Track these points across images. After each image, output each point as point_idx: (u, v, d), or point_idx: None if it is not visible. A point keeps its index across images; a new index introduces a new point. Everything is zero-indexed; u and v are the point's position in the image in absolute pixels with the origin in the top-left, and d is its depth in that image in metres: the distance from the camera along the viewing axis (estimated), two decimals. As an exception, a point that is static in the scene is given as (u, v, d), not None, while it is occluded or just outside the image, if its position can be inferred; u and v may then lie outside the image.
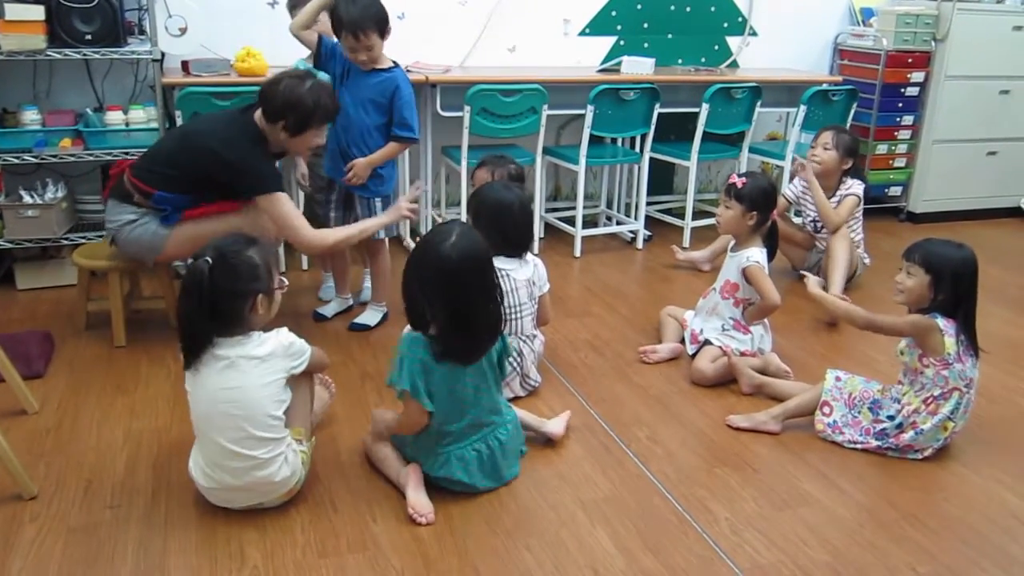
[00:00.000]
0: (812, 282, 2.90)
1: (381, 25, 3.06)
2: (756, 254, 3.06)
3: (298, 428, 2.26)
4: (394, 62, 3.22)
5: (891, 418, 2.58)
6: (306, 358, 2.21)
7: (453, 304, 2.17)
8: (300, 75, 2.87)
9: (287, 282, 2.28)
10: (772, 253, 3.16)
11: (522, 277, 2.78)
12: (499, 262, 2.72)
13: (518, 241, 2.80)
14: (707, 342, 3.10)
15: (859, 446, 2.62)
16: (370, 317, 3.44)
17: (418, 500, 2.22)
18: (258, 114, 2.88)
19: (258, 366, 2.10)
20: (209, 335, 2.09)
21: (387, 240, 3.45)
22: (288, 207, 2.90)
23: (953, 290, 2.50)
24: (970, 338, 2.54)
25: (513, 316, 2.77)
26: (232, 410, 2.07)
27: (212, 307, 2.05)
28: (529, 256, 2.85)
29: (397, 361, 2.19)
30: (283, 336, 2.18)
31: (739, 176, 3.11)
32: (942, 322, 2.51)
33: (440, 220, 3.39)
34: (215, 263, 2.04)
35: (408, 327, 2.26)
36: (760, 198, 3.06)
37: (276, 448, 2.14)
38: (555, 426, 2.59)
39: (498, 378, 2.36)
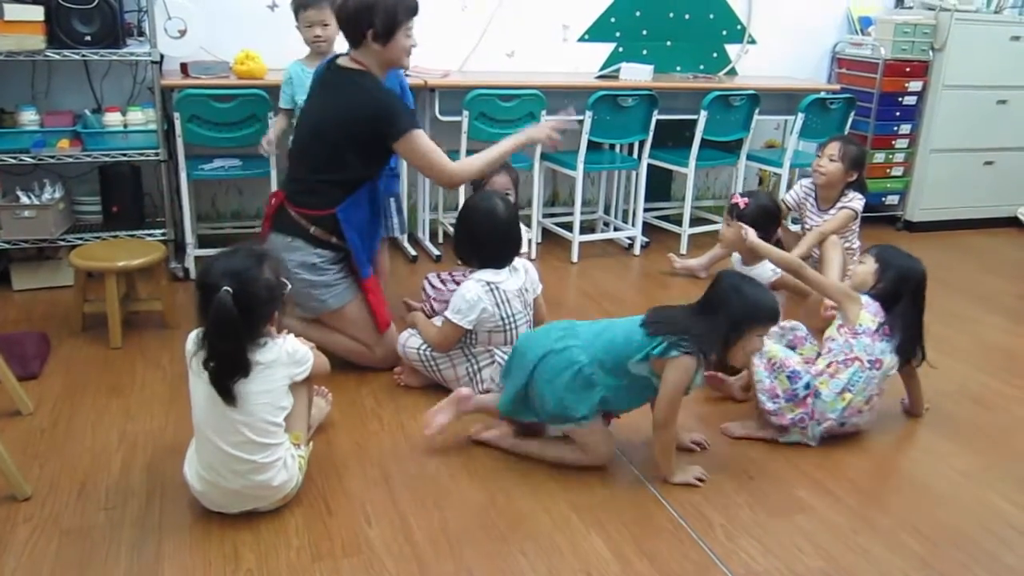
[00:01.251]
0: (751, 233, 2.98)
1: None
2: (768, 268, 3.12)
3: (296, 433, 2.26)
4: None
5: (806, 385, 2.63)
6: (309, 365, 2.21)
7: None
8: None
9: (291, 285, 2.29)
10: None
11: (513, 287, 2.77)
12: (487, 275, 2.73)
13: (500, 252, 2.78)
14: None
15: (772, 418, 2.64)
16: None
17: (436, 415, 2.45)
18: (342, 59, 2.78)
19: (261, 372, 2.09)
20: (246, 357, 2.05)
21: (387, 240, 3.46)
22: (427, 144, 2.76)
23: (893, 287, 2.69)
24: (901, 339, 2.65)
25: (508, 327, 2.76)
26: (232, 414, 2.06)
27: (239, 329, 2.03)
28: (518, 262, 2.83)
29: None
30: (288, 343, 2.17)
31: (741, 196, 3.12)
32: (866, 299, 2.68)
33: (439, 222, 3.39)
34: (236, 292, 2.00)
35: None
36: (762, 218, 3.11)
37: (275, 453, 2.13)
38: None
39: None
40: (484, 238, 2.77)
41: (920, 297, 2.72)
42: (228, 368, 2.04)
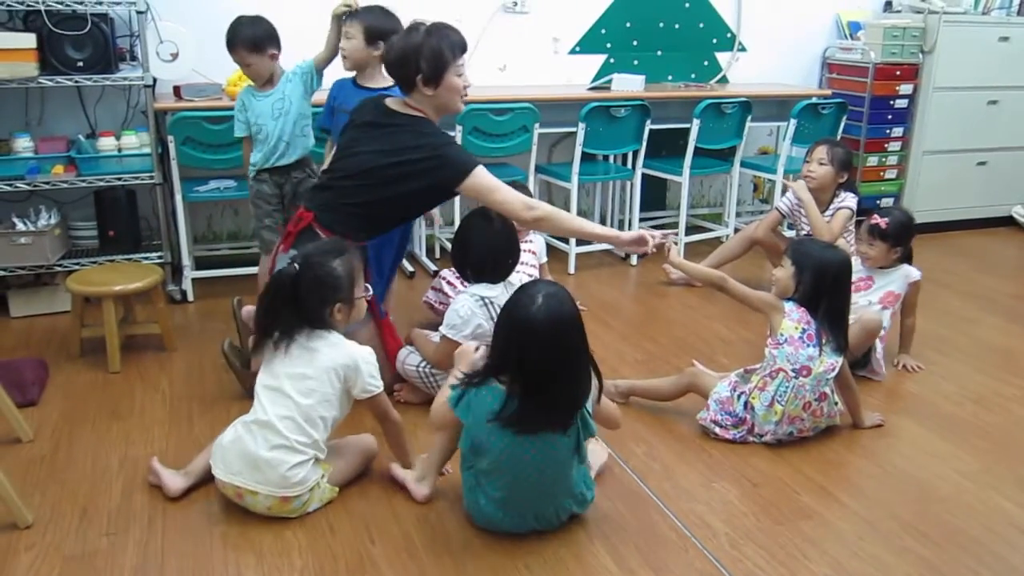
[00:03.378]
0: (673, 251, 2.97)
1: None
2: (913, 268, 3.29)
3: (327, 465, 2.31)
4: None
5: (744, 404, 2.71)
6: (370, 389, 2.28)
7: (533, 367, 2.01)
8: (409, 28, 2.64)
9: (372, 290, 2.41)
10: (910, 260, 3.36)
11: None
12: (480, 289, 2.73)
13: (494, 267, 2.78)
14: None
15: (717, 429, 2.73)
16: None
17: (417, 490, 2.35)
18: (391, 101, 2.71)
19: (312, 357, 2.23)
20: (291, 325, 2.24)
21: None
22: (488, 179, 2.61)
23: (813, 284, 2.66)
24: (835, 334, 2.66)
25: None
26: (293, 393, 2.20)
27: (297, 306, 2.22)
28: (515, 278, 2.83)
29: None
30: (358, 352, 2.27)
31: (880, 216, 3.25)
32: (790, 306, 2.68)
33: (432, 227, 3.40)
34: (301, 271, 2.21)
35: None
36: (903, 234, 3.24)
37: (309, 449, 2.22)
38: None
39: (575, 461, 2.18)
40: (478, 252, 2.77)
41: (842, 287, 2.69)
42: (265, 326, 2.26)
